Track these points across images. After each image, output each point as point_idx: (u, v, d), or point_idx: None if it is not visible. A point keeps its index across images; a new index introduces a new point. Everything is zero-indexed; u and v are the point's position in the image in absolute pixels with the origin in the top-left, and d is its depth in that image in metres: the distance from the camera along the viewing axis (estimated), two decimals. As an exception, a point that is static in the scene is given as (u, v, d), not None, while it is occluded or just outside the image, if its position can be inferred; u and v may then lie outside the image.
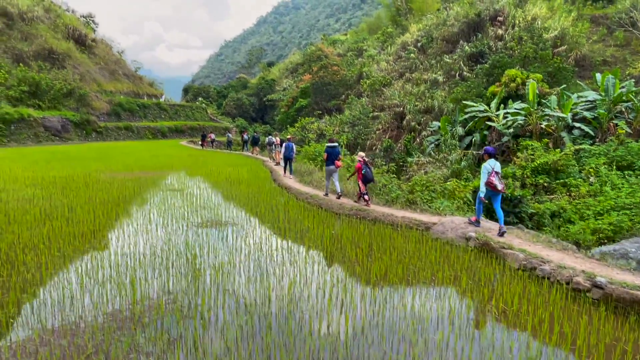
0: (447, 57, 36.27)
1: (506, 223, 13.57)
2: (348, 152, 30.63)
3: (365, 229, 8.92)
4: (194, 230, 8.49)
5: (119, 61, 53.43)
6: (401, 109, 35.38)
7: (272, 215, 10.02)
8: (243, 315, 4.83)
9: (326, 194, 11.98)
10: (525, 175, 18.09)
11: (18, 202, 10.52)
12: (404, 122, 34.49)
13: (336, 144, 11.79)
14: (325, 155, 11.69)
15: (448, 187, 12.08)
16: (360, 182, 10.73)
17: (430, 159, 26.57)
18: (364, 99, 39.34)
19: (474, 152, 24.90)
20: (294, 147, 17.21)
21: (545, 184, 17.44)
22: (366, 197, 10.66)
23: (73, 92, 39.29)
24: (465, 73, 33.33)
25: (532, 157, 18.90)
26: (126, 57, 56.36)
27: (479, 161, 24.24)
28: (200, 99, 64.94)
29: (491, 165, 8.18)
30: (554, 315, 5.13)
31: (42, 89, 36.51)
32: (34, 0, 43.31)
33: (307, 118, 40.05)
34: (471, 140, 26.28)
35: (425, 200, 11.01)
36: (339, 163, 11.53)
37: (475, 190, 14.58)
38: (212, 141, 34.87)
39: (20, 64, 36.85)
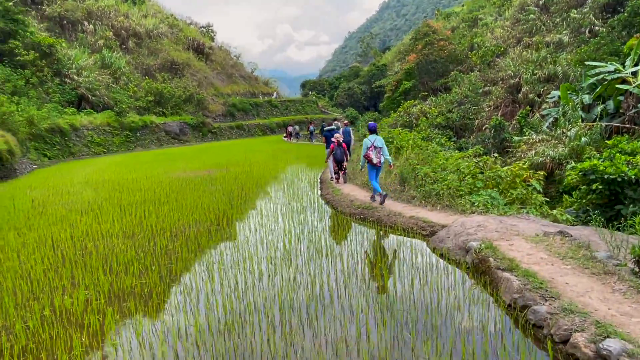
0: (575, 11, 29.81)
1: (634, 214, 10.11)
2: (443, 135, 27.38)
3: (350, 235, 7.05)
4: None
5: (236, 65, 56.87)
6: (516, 79, 30.52)
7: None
8: None
9: (332, 178, 12.37)
10: (664, 150, 13.50)
11: (63, 205, 11.12)
12: (520, 94, 29.65)
13: (334, 126, 12.79)
14: (324, 139, 12.40)
15: (503, 174, 9.15)
16: (333, 163, 11.78)
17: (545, 137, 22.18)
18: (473, 73, 34.94)
19: (604, 124, 19.90)
20: (352, 132, 17.11)
21: (700, 159, 12.75)
22: (336, 175, 12.07)
23: (191, 97, 42.86)
24: (597, 27, 26.94)
25: (674, 125, 14.06)
26: (243, 60, 59.82)
27: (610, 135, 19.28)
28: (311, 92, 65.80)
29: (371, 140, 8.77)
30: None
31: (165, 98, 40.55)
32: (159, 18, 48.47)
33: (409, 101, 37.21)
34: (602, 110, 21.02)
35: (460, 194, 8.43)
36: (344, 145, 11.71)
37: (585, 173, 11.39)
38: (291, 134, 35.28)
39: (147, 77, 41.49)
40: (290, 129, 36.31)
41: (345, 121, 18.95)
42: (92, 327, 4.47)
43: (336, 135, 11.51)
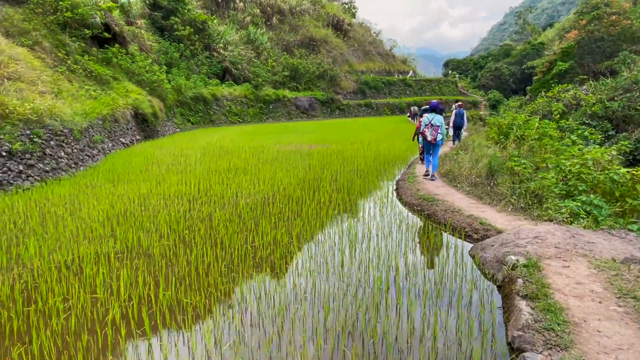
0: None
1: None
2: (596, 127, 23.16)
3: (387, 228, 6.30)
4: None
5: (374, 42, 56.19)
6: None
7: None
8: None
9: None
10: None
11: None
12: None
13: (428, 107, 11.90)
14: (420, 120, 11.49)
15: (617, 177, 7.10)
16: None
17: None
18: (651, 54, 28.67)
19: None
20: (465, 114, 16.84)
21: None
22: (421, 156, 12.32)
23: (325, 74, 43.82)
24: None
25: None
26: (383, 37, 58.79)
27: None
28: (452, 72, 61.60)
29: (429, 118, 9.23)
30: None
31: (299, 73, 42.25)
32: (302, -6, 50.25)
33: (561, 85, 32.26)
34: None
35: (550, 196, 6.83)
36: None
37: None
38: (413, 114, 33.89)
39: (285, 53, 43.61)
40: (412, 109, 35.24)
41: (459, 103, 17.56)
42: (89, 280, 4.77)
43: (424, 115, 10.63)
